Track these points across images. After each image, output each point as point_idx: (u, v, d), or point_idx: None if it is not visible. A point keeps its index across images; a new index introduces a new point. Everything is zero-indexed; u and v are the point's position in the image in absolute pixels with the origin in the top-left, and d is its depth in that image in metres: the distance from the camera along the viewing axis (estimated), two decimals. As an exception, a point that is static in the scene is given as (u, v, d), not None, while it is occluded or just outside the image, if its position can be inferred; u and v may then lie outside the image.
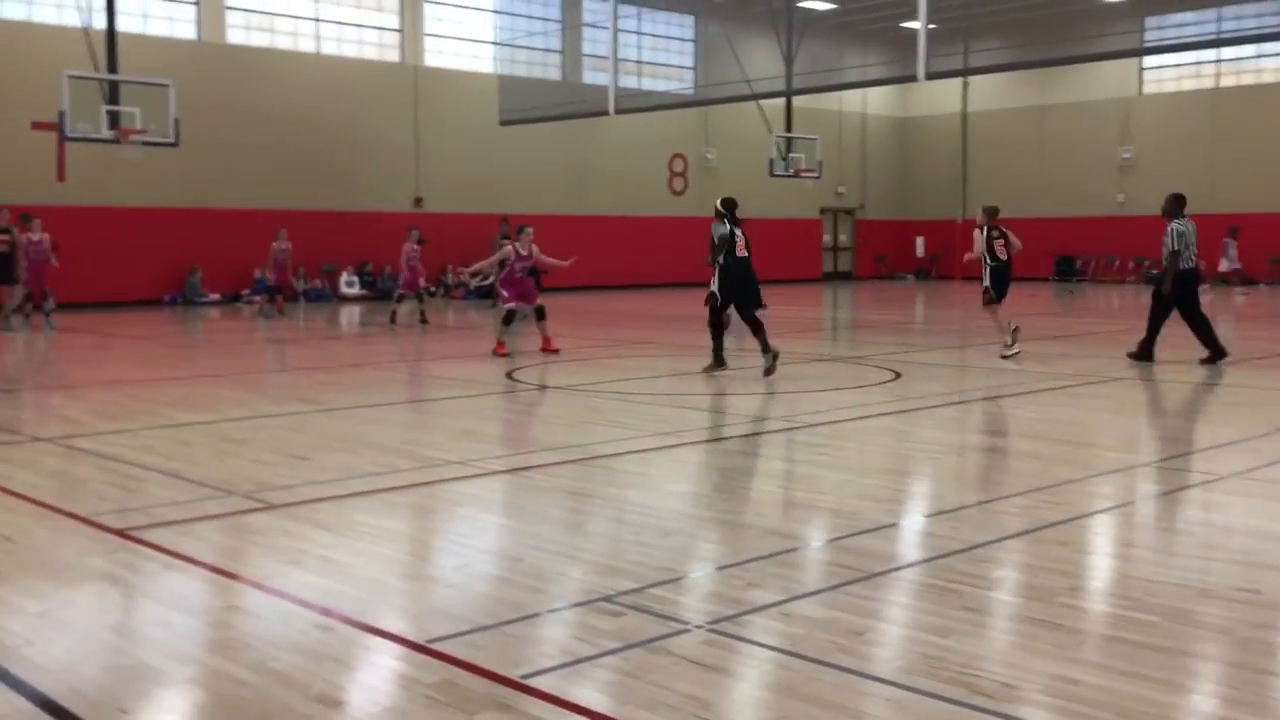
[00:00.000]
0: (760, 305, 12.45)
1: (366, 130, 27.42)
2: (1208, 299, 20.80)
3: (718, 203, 12.55)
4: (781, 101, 30.54)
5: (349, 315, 22.59)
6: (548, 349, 14.65)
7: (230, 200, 25.38)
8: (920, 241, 38.56)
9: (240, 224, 25.25)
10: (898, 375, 12.27)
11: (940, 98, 37.56)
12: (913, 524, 6.00)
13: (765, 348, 11.90)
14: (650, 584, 4.78)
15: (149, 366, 13.54)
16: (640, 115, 28.18)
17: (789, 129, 30.75)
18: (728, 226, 12.21)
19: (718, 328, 12.37)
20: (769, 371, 11.85)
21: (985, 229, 14.26)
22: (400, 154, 28.04)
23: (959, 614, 4.40)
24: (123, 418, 9.43)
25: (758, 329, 12.08)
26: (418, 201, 28.34)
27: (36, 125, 21.83)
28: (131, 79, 20.81)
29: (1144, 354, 13.18)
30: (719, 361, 12.31)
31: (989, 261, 14.24)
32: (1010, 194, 36.76)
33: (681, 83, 32.81)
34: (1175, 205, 13.08)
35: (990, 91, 36.74)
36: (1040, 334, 14.56)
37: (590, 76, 30.57)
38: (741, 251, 12.22)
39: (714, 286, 12.22)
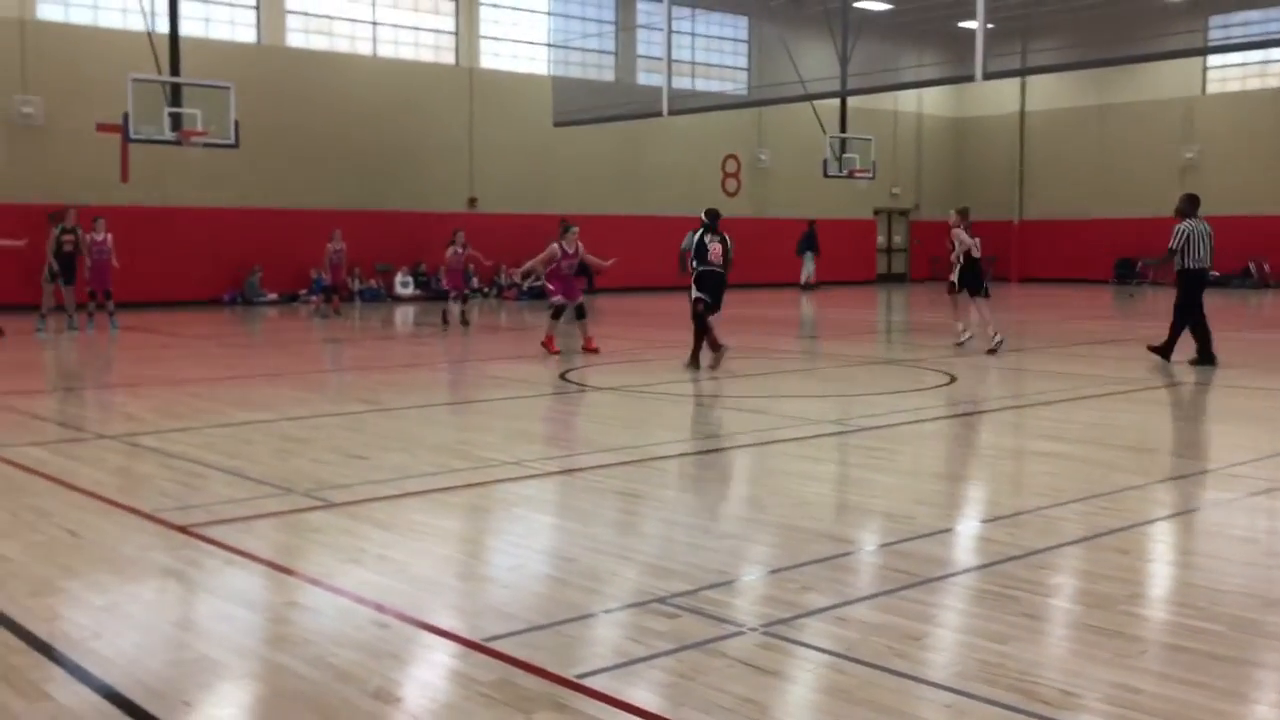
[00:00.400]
0: (717, 310, 13.41)
1: (422, 132, 27.65)
2: None
3: (702, 214, 13.57)
4: (836, 102, 30.38)
5: (403, 315, 22.80)
6: (588, 349, 14.86)
7: (288, 201, 25.71)
8: (977, 243, 38.20)
9: (298, 224, 25.57)
10: (953, 379, 12.17)
11: (997, 98, 37.17)
12: (969, 529, 5.95)
13: (715, 346, 13.05)
14: (704, 586, 4.79)
15: (210, 365, 13.77)
16: (693, 116, 28.17)
17: (843, 129, 30.60)
18: (697, 236, 13.24)
19: (703, 327, 13.11)
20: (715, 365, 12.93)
21: (964, 230, 15.56)
22: (455, 155, 28.25)
23: (1017, 620, 4.37)
24: (185, 416, 9.59)
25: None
26: (472, 202, 28.54)
27: (101, 127, 22.27)
28: (193, 81, 21.16)
29: (1165, 352, 13.41)
30: (695, 360, 13.17)
31: (962, 260, 15.56)
32: (1069, 195, 36.33)
33: (735, 83, 32.76)
34: (1189, 205, 13.23)
35: (1049, 91, 36.30)
36: (1099, 337, 14.37)
37: (644, 78, 30.61)
38: (715, 259, 13.23)
39: (697, 292, 13.13)
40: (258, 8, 25.56)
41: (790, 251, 33.79)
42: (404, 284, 27.35)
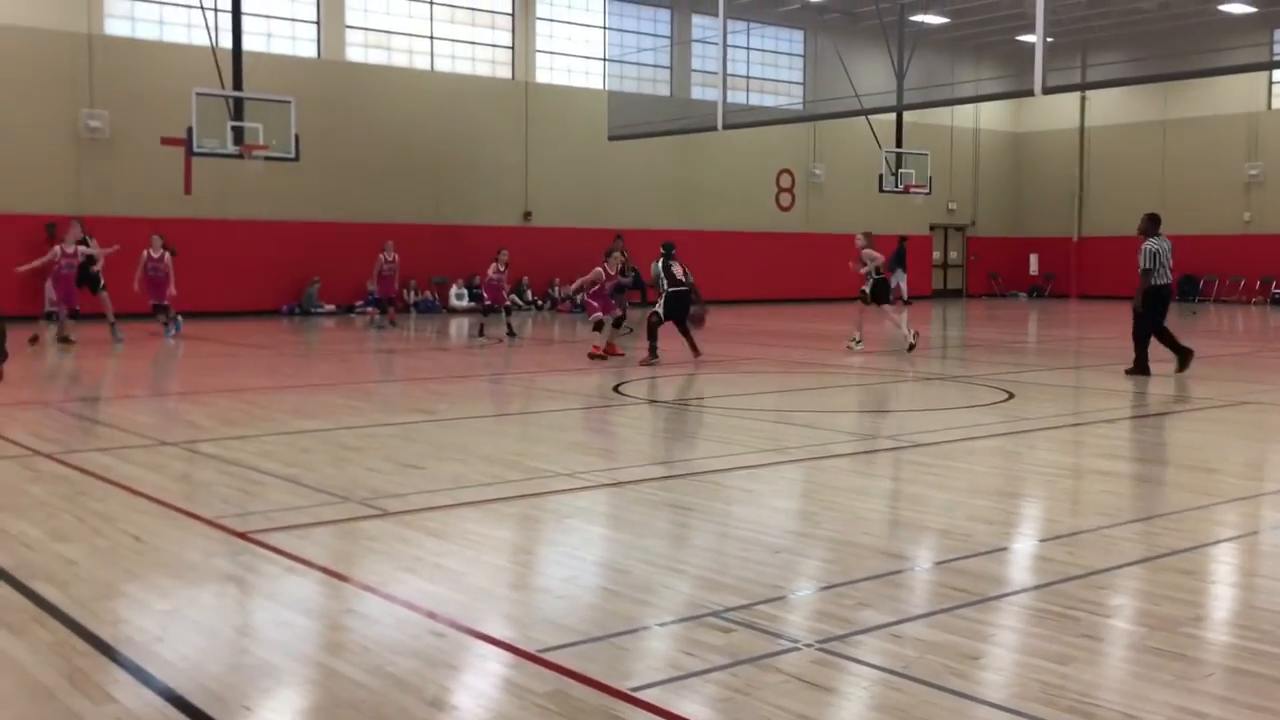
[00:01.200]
0: (695, 321, 15.86)
1: (478, 145, 27.92)
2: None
3: (662, 246, 16.06)
4: (891, 116, 30.26)
5: (458, 327, 22.98)
6: (611, 353, 16.13)
7: (346, 214, 26.05)
8: (1034, 259, 37.82)
9: (356, 237, 25.89)
10: (1011, 395, 12.05)
11: (1056, 112, 36.80)
12: (1027, 548, 5.88)
13: (696, 351, 15.50)
14: (758, 600, 4.78)
15: (268, 375, 13.97)
16: (748, 131, 28.19)
17: (899, 144, 30.46)
18: (661, 264, 15.64)
19: (654, 335, 15.39)
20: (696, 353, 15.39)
21: (871, 249, 17.77)
22: (510, 169, 28.48)
23: (1077, 641, 4.31)
24: (244, 424, 9.74)
25: (689, 334, 15.76)
26: (526, 216, 28.75)
27: (166, 141, 22.72)
28: (255, 95, 21.56)
29: (1140, 369, 13.79)
30: (654, 355, 15.24)
31: (876, 275, 17.67)
32: (1129, 211, 35.76)
33: (790, 98, 32.74)
34: (1151, 225, 14.04)
35: (1109, 106, 35.87)
36: (1161, 355, 14.17)
37: (699, 92, 30.69)
38: (681, 279, 15.60)
39: (659, 308, 15.54)
40: (319, 23, 26.05)
41: (845, 266, 33.66)
42: (458, 296, 27.59)
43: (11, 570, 5.06)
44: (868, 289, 17.73)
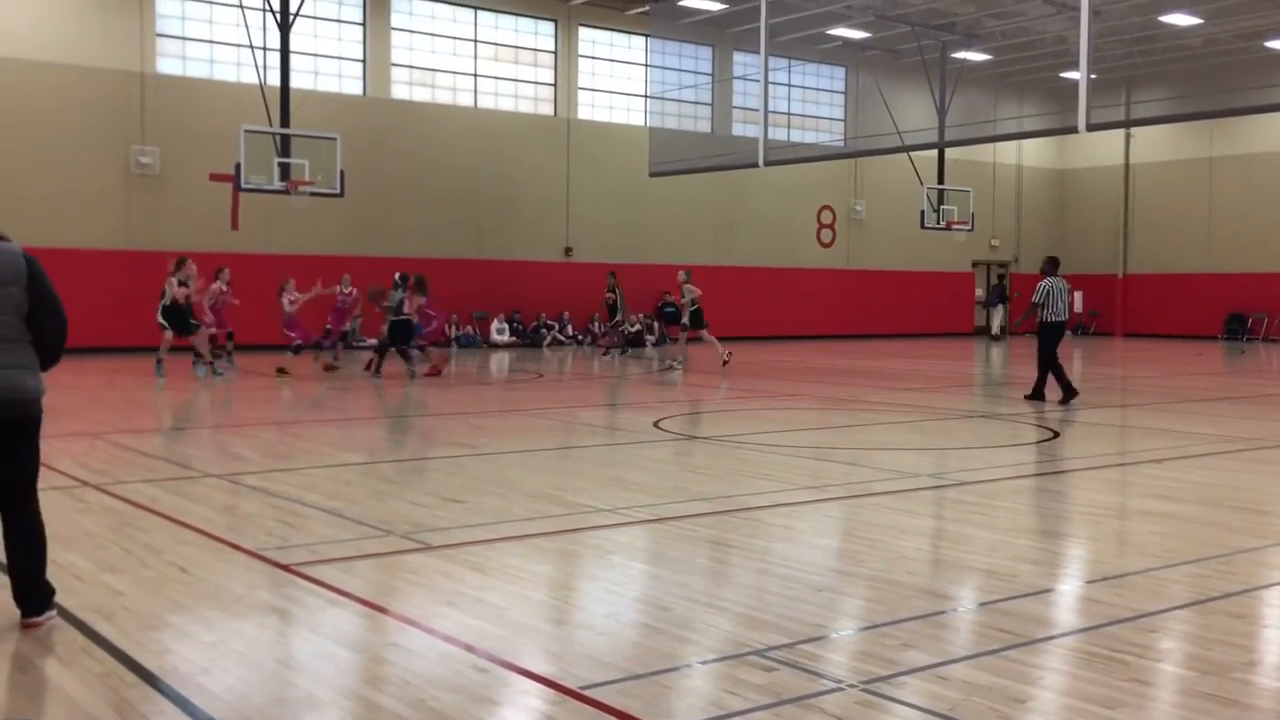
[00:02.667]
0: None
1: (520, 181, 28.19)
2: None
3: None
4: (934, 152, 30.24)
5: (499, 362, 23.08)
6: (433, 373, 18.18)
7: (389, 248, 26.31)
8: (1079, 296, 37.55)
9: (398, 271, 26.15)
10: (1056, 434, 11.93)
11: (1100, 149, 36.61)
12: (1073, 589, 5.81)
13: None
14: (801, 639, 4.75)
15: (311, 408, 14.08)
16: (789, 167, 28.28)
17: (941, 180, 30.41)
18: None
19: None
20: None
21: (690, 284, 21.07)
22: (552, 204, 28.72)
23: (1126, 685, 4.24)
24: (287, 456, 9.84)
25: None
26: (568, 251, 28.92)
27: (214, 177, 23.16)
28: (302, 132, 21.96)
29: (1037, 394, 15.25)
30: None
31: (693, 306, 21.16)
32: (1176, 249, 35.50)
33: (831, 134, 32.83)
34: (1051, 266, 15.37)
35: (1155, 142, 35.65)
36: (1209, 394, 14.01)
37: (739, 129, 30.85)
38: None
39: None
40: (365, 60, 26.48)
41: (888, 303, 33.60)
42: (499, 330, 27.77)
43: (61, 601, 5.12)
44: (686, 319, 21.33)
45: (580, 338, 28.72)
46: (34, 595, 4.91)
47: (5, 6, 22.69)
